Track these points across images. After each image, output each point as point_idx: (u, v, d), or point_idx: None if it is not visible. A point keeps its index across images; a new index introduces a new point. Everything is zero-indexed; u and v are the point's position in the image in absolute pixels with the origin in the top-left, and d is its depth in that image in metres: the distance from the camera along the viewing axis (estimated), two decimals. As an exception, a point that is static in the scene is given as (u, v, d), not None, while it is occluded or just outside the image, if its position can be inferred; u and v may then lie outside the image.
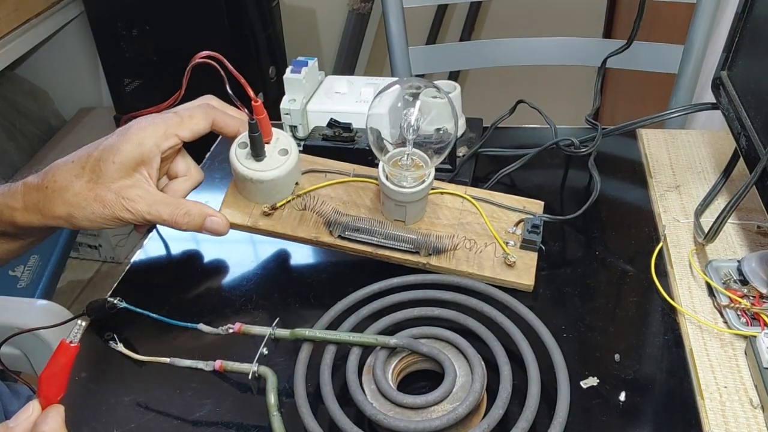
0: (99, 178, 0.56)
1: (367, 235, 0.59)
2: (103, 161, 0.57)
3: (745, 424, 0.46)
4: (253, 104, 0.57)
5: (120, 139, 0.57)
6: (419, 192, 0.57)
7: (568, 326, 0.55)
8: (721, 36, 0.98)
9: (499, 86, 1.87)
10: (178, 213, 0.58)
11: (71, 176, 0.57)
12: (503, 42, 1.11)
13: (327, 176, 0.63)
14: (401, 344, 0.49)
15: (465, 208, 0.62)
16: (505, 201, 0.62)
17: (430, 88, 0.60)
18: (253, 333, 0.51)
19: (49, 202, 0.56)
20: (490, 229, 0.60)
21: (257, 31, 1.76)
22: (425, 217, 0.61)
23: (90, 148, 0.58)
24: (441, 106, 0.60)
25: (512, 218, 0.61)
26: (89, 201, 0.56)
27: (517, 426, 0.44)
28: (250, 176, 0.58)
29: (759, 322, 0.52)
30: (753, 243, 0.60)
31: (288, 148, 0.60)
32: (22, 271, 1.43)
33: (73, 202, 0.56)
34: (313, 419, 0.46)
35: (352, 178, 0.63)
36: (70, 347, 0.47)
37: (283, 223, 0.60)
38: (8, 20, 1.70)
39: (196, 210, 0.58)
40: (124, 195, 0.56)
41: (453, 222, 0.60)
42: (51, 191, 0.56)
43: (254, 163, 0.59)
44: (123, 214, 0.57)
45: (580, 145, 0.69)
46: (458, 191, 0.62)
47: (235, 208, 0.61)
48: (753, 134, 0.54)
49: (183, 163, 0.62)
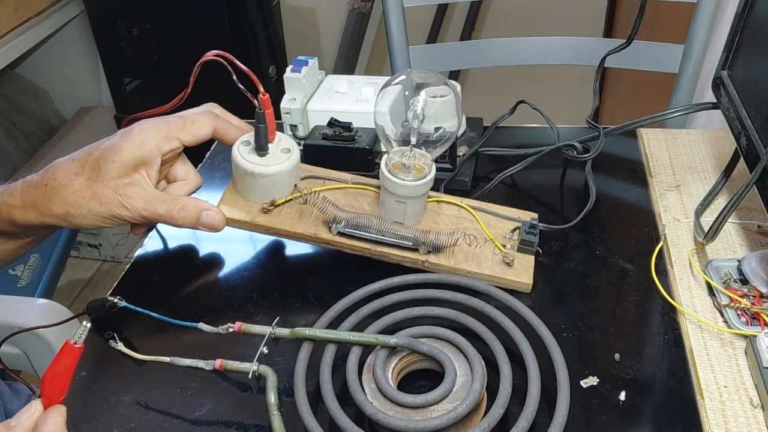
0: (98, 176, 0.57)
1: (365, 231, 0.58)
2: (104, 160, 0.57)
3: (745, 424, 0.46)
4: (261, 97, 0.58)
5: (122, 139, 0.58)
6: (421, 186, 0.57)
7: (568, 326, 0.55)
8: (721, 35, 0.98)
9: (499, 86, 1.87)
10: (174, 208, 0.58)
11: (71, 174, 0.57)
12: (503, 42, 1.11)
13: (325, 182, 0.64)
14: (401, 343, 0.49)
15: (462, 215, 0.62)
16: (501, 211, 0.63)
17: (432, 84, 0.60)
18: (254, 332, 0.51)
19: (47, 200, 0.57)
20: (487, 234, 0.60)
21: (257, 31, 1.76)
22: (423, 221, 0.61)
23: (91, 148, 0.58)
24: (440, 104, 0.60)
25: (508, 226, 0.62)
26: (87, 199, 0.56)
27: (517, 425, 0.44)
28: (252, 170, 0.59)
29: (759, 321, 0.52)
30: (753, 242, 0.60)
31: (290, 148, 0.61)
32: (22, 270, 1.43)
33: (71, 200, 0.56)
34: (313, 418, 0.46)
35: (351, 184, 0.64)
36: (75, 348, 0.47)
37: (281, 220, 0.60)
38: (8, 19, 1.70)
39: (192, 205, 0.59)
40: (122, 192, 0.57)
41: (450, 227, 0.61)
42: (50, 189, 0.57)
43: (257, 158, 0.59)
44: (120, 212, 0.57)
45: (582, 150, 0.69)
46: (455, 200, 0.63)
47: (233, 206, 0.61)
48: (753, 134, 0.54)
49: (182, 168, 0.63)
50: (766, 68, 0.54)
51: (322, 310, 0.54)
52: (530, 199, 0.70)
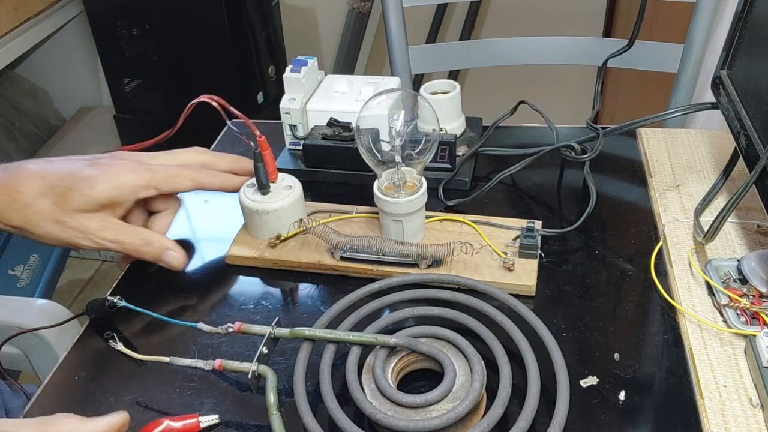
0: (64, 204, 0.56)
1: (366, 252, 0.60)
2: (75, 190, 0.56)
3: (745, 424, 0.46)
4: (258, 140, 0.60)
5: (100, 175, 0.57)
6: (413, 202, 0.59)
7: (567, 325, 0.55)
8: (720, 35, 0.98)
9: (499, 85, 1.87)
10: (140, 243, 0.59)
11: (36, 193, 0.55)
12: (503, 41, 1.11)
13: (330, 215, 0.66)
14: (401, 343, 0.49)
15: (464, 230, 0.63)
16: (502, 222, 0.64)
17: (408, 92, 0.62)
18: (253, 332, 0.51)
19: (6, 209, 0.55)
20: (488, 244, 0.61)
21: (257, 31, 1.76)
22: (425, 239, 0.62)
23: (64, 171, 0.57)
24: (422, 109, 0.62)
25: (510, 235, 0.62)
26: (49, 222, 0.55)
27: (517, 425, 0.44)
28: (256, 208, 0.62)
29: (758, 321, 0.52)
30: (752, 242, 0.60)
31: (292, 185, 0.64)
32: (21, 270, 1.43)
33: (32, 219, 0.55)
34: (312, 418, 0.46)
35: (355, 214, 0.65)
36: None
37: (287, 252, 0.62)
38: (8, 19, 1.70)
39: (157, 242, 0.60)
40: (86, 224, 0.56)
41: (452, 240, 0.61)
42: (11, 200, 0.55)
43: (260, 196, 0.62)
44: (81, 242, 0.57)
45: (580, 151, 0.69)
46: (457, 217, 0.64)
47: (243, 245, 0.64)
48: (752, 133, 0.54)
49: (164, 200, 0.63)
50: (766, 68, 0.54)
51: (321, 310, 0.54)
52: (529, 199, 0.70)
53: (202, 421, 0.48)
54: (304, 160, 0.74)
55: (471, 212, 0.66)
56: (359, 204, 0.67)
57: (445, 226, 0.64)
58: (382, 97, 0.63)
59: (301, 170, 0.74)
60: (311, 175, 0.73)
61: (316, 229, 0.61)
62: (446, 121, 0.74)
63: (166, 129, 0.64)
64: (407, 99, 0.64)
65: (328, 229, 0.61)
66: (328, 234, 0.61)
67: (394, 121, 0.57)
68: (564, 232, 0.63)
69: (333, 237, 0.60)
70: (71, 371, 0.55)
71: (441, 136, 0.67)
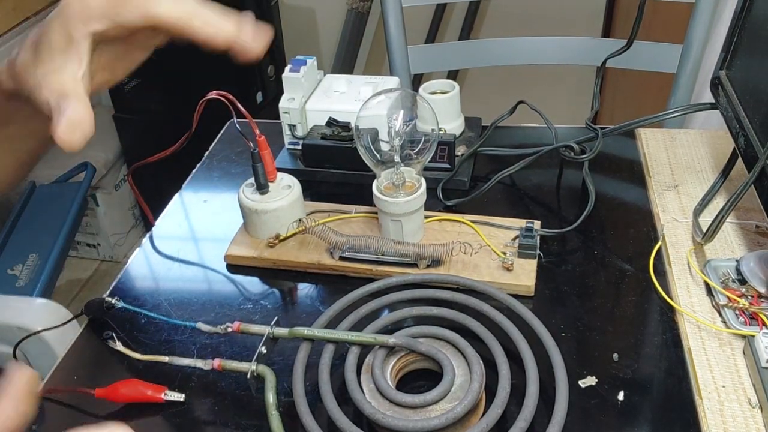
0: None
1: (365, 252, 0.60)
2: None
3: (744, 424, 0.46)
4: (258, 139, 0.61)
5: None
6: (411, 202, 0.59)
7: (566, 326, 0.55)
8: (719, 35, 0.98)
9: (498, 85, 1.87)
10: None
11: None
12: (502, 41, 1.11)
13: (330, 215, 0.66)
14: (400, 343, 0.49)
15: (463, 230, 0.63)
16: (501, 222, 0.64)
17: (407, 92, 0.62)
18: (252, 332, 0.51)
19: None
20: (487, 244, 0.61)
21: (256, 30, 1.76)
22: (424, 239, 0.62)
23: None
24: (421, 109, 0.62)
25: (510, 235, 0.62)
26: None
27: (516, 425, 0.44)
28: (255, 207, 0.62)
29: (757, 321, 0.52)
30: (751, 242, 0.60)
31: (291, 185, 0.64)
32: (20, 270, 1.43)
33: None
34: (311, 418, 0.46)
35: (355, 214, 0.65)
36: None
37: (286, 252, 0.62)
38: (6, 19, 1.70)
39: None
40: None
41: (451, 240, 0.61)
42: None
43: (259, 196, 0.62)
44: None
45: (579, 151, 0.69)
46: (455, 217, 0.64)
47: (242, 245, 0.64)
48: (751, 134, 0.54)
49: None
50: (765, 68, 0.54)
51: (320, 310, 0.54)
52: (528, 199, 0.71)
53: (168, 394, 0.50)
54: (303, 159, 0.74)
55: (470, 212, 0.66)
56: (358, 204, 0.67)
57: (444, 226, 0.64)
58: (381, 97, 0.63)
59: (300, 170, 0.74)
60: (310, 175, 0.73)
61: (315, 229, 0.61)
62: (445, 121, 0.74)
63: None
64: (406, 99, 0.64)
65: (327, 228, 0.61)
66: (327, 234, 0.61)
67: (393, 121, 0.57)
68: (563, 232, 0.63)
69: (332, 237, 0.61)
70: (70, 371, 0.55)
71: (440, 136, 0.67)
